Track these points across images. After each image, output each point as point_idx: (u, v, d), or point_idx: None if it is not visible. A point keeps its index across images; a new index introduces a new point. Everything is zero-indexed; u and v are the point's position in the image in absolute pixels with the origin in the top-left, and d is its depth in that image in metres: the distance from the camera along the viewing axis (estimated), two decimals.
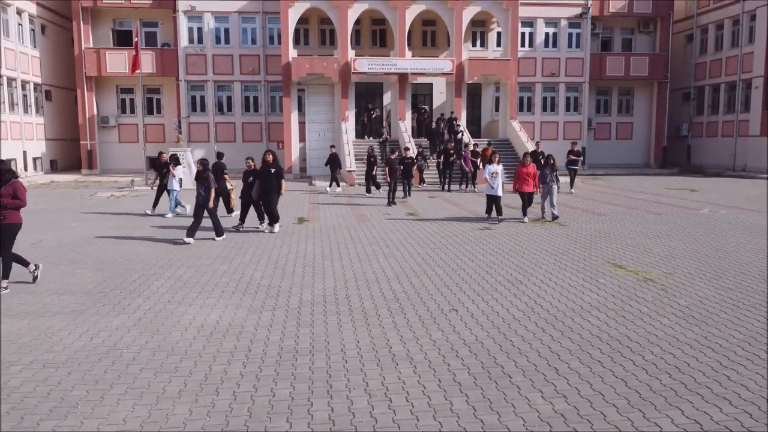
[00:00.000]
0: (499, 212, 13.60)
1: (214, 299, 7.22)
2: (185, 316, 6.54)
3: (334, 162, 20.94)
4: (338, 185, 21.38)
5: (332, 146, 22.01)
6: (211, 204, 10.94)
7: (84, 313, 6.65)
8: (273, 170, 11.80)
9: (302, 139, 27.76)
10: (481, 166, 20.74)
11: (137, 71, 22.50)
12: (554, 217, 13.46)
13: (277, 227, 12.23)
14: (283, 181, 11.99)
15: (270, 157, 11.87)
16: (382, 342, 5.71)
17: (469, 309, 6.76)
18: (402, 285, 7.84)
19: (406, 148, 19.94)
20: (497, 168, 13.47)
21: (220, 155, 14.88)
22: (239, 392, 4.61)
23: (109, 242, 11.09)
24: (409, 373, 4.96)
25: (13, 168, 26.23)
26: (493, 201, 13.59)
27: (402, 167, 18.07)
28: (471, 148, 22.09)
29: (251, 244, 10.89)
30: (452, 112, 26.69)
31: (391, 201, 16.86)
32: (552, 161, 13.65)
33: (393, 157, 17.74)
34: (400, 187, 18.31)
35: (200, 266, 9.03)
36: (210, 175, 11.08)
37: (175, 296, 7.36)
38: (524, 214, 13.48)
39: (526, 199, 13.43)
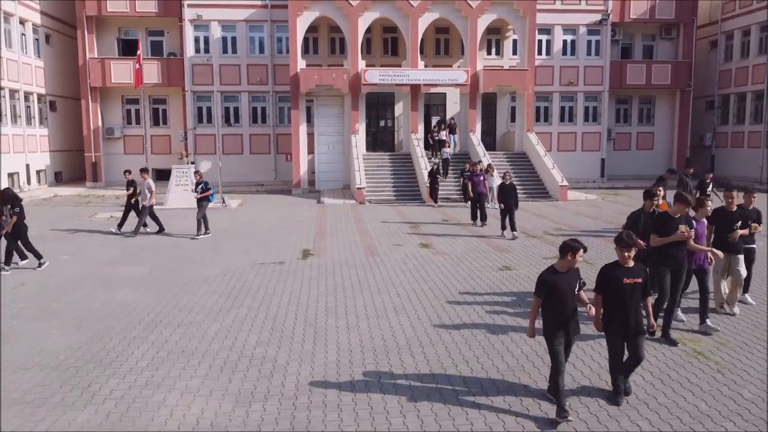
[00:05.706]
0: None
1: (198, 380, 6.30)
2: (162, 409, 5.63)
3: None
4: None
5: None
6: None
7: (46, 403, 5.75)
8: None
9: (311, 151, 26.89)
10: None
11: (141, 85, 21.77)
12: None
13: None
14: None
15: None
16: None
17: (492, 404, 5.77)
18: (414, 358, 6.86)
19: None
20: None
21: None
22: None
23: (99, 284, 10.24)
24: None
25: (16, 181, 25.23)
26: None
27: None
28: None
29: (251, 288, 9.98)
30: (467, 163, 23.40)
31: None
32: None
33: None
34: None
35: (189, 324, 8.13)
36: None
37: (155, 374, 6.44)
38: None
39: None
